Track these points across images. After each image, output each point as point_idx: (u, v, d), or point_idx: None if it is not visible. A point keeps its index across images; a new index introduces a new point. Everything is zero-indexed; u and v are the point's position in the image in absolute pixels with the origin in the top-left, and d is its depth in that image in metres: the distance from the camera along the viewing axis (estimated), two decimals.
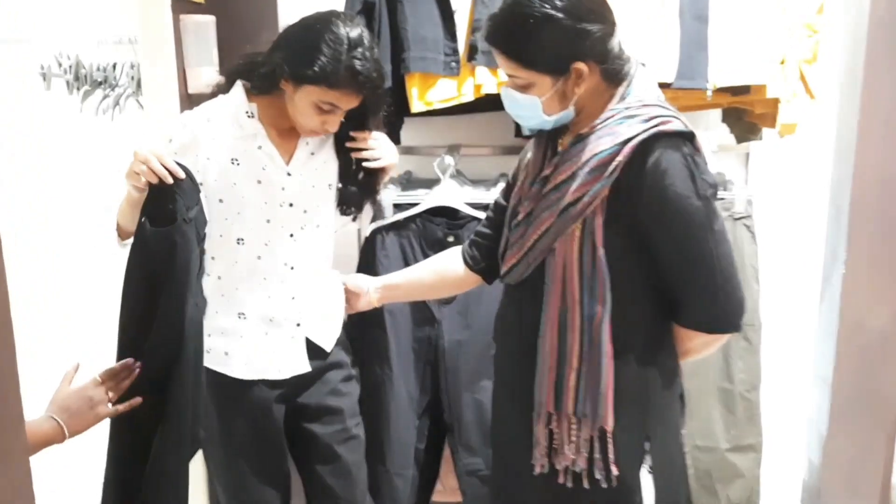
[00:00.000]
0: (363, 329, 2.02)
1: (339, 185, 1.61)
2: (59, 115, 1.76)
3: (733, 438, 2.11)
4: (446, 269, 1.59)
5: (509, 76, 1.29)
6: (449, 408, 2.06)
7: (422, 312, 2.06)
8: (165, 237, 1.28)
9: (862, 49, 1.78)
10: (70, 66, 2.11)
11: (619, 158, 1.19)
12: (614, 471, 1.25)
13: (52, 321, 1.42)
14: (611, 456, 1.25)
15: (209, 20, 1.84)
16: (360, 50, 1.39)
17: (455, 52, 1.92)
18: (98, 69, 2.18)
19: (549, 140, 1.34)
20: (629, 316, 1.26)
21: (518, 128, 2.10)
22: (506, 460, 1.44)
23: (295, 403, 1.57)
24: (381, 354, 2.03)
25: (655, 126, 1.20)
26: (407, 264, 2.03)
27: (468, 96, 1.96)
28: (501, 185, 2.11)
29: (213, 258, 1.51)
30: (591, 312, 1.24)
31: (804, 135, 1.98)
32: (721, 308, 1.24)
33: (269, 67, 1.44)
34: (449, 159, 2.04)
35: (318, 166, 1.57)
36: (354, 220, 1.72)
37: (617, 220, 1.22)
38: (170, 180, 1.30)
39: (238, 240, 1.49)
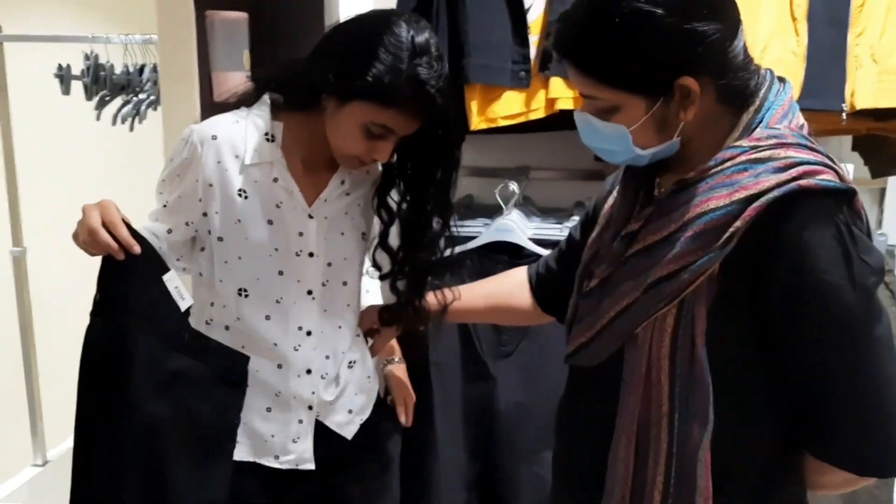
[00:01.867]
0: None
1: (377, 240, 1.29)
2: (74, 121, 1.55)
3: None
4: (508, 298, 1.32)
5: (585, 97, 0.96)
6: (503, 481, 1.75)
7: (475, 366, 1.76)
8: (101, 327, 1.10)
9: None
10: (89, 68, 1.94)
11: (738, 224, 0.87)
12: None
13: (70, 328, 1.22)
14: None
15: (240, 17, 1.60)
16: (426, 59, 1.09)
17: (525, 59, 1.62)
18: (122, 72, 2.00)
19: (642, 179, 1.02)
20: (741, 441, 0.93)
21: None
22: None
23: (307, 494, 1.28)
24: (425, 414, 1.74)
25: (795, 179, 0.86)
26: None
27: (539, 112, 1.66)
28: (576, 218, 1.83)
29: (212, 304, 1.23)
30: (685, 434, 0.91)
31: None
32: (877, 448, 0.90)
33: (309, 77, 1.14)
34: (513, 186, 1.74)
35: (350, 210, 1.26)
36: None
37: (729, 309, 0.90)
38: (119, 256, 1.06)
39: (240, 291, 1.20)
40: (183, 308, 1.14)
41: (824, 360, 0.89)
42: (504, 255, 1.74)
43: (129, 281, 1.09)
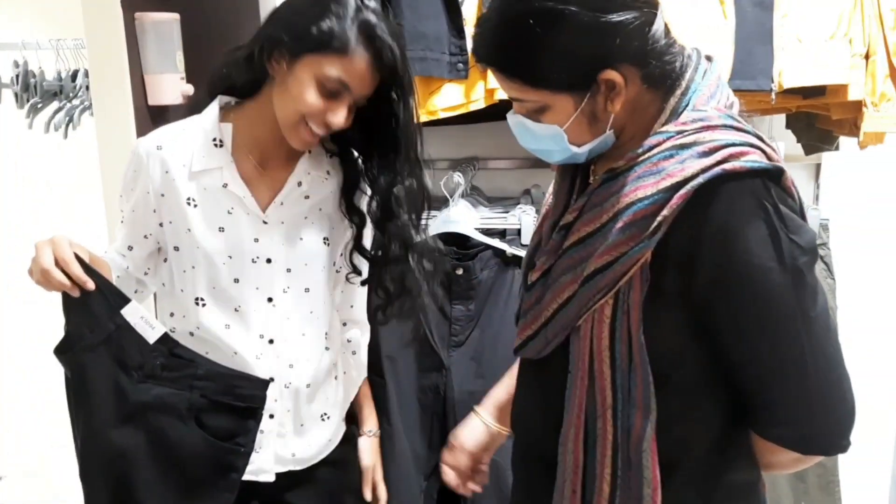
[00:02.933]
0: None
1: (351, 244, 1.26)
2: (6, 131, 1.51)
3: None
4: None
5: (514, 100, 0.94)
6: None
7: (428, 357, 1.77)
8: (64, 363, 1.11)
9: None
10: (18, 76, 1.89)
11: (665, 213, 0.84)
12: None
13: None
14: None
15: (171, 18, 1.55)
16: (373, 10, 1.08)
17: (463, 51, 1.61)
18: (54, 78, 1.96)
19: (577, 168, 1.00)
20: (686, 425, 0.92)
21: None
22: None
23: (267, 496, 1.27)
24: (380, 406, 1.73)
25: (720, 163, 0.83)
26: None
27: (479, 103, 1.66)
28: (522, 205, 1.84)
29: (171, 314, 1.22)
30: (629, 424, 0.90)
31: (891, 144, 1.62)
32: (818, 425, 0.88)
33: (250, 48, 1.12)
34: (458, 177, 1.75)
35: (311, 214, 1.22)
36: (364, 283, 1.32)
37: (664, 298, 0.88)
38: (74, 293, 1.06)
39: (197, 300, 1.18)
40: (153, 337, 1.11)
41: (761, 343, 0.87)
42: (451, 245, 1.74)
43: (84, 317, 1.08)
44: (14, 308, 2.03)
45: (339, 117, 1.11)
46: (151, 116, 1.56)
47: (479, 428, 1.23)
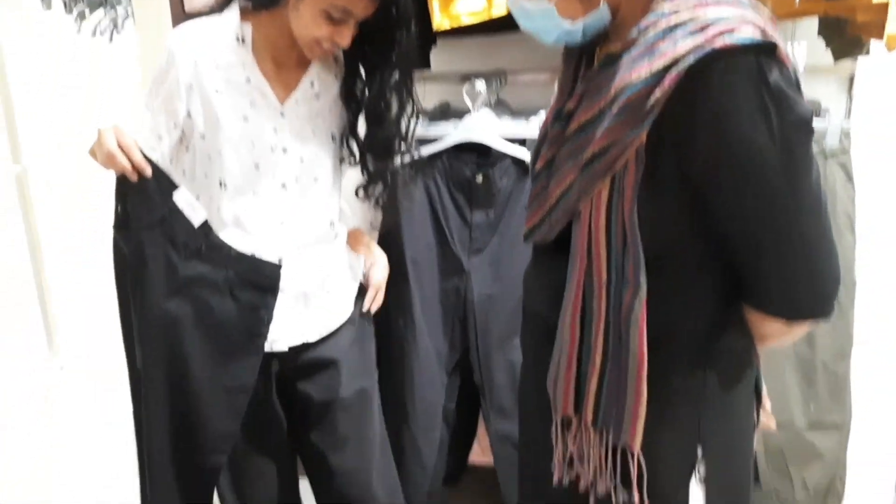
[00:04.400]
0: None
1: (345, 140, 1.39)
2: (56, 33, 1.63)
3: (813, 415, 1.80)
4: None
5: None
6: (479, 368, 1.86)
7: (450, 262, 1.84)
8: (121, 240, 1.26)
9: None
10: None
11: (658, 94, 0.85)
12: (636, 500, 0.98)
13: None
14: (638, 480, 0.97)
15: None
16: None
17: None
18: None
19: (580, 57, 1.02)
20: (678, 300, 0.96)
21: None
22: (528, 449, 1.21)
23: (285, 364, 1.39)
24: (404, 307, 1.84)
25: (711, 39, 0.82)
26: (432, 205, 1.82)
27: (500, 9, 1.67)
28: (543, 112, 1.86)
29: (197, 197, 1.33)
30: (619, 299, 0.94)
31: None
32: (804, 292, 0.93)
33: None
34: (480, 85, 1.78)
35: (320, 111, 1.35)
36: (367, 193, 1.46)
37: (659, 177, 0.90)
38: (133, 178, 1.20)
39: (220, 183, 1.30)
40: (197, 221, 1.26)
41: (752, 217, 0.89)
42: (472, 153, 1.79)
43: (141, 199, 1.23)
44: (77, 213, 2.19)
45: (345, 39, 1.23)
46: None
47: None
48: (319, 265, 1.39)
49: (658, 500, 0.99)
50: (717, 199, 0.90)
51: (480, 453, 2.20)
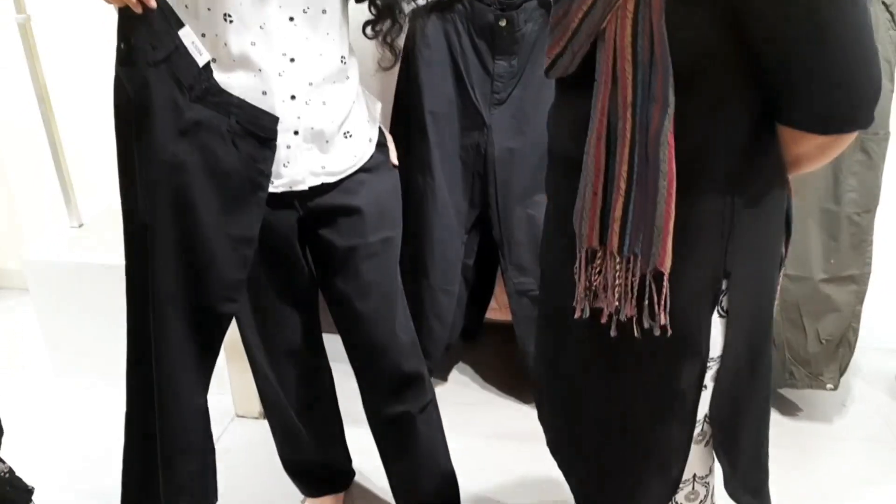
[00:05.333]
0: (401, 133, 1.79)
1: None
2: None
3: (832, 268, 1.80)
4: None
5: None
6: (498, 223, 1.85)
7: (470, 116, 1.79)
8: (126, 77, 1.18)
9: None
10: None
11: None
12: (662, 320, 0.97)
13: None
14: (664, 302, 0.96)
15: None
16: None
17: None
18: None
19: None
20: (707, 119, 0.91)
21: None
22: (550, 291, 1.21)
23: (307, 208, 1.39)
24: (423, 162, 1.81)
25: None
26: (452, 54, 1.75)
27: None
28: None
29: (203, 35, 1.27)
30: (646, 118, 0.89)
31: None
32: (840, 97, 0.86)
33: None
34: None
35: None
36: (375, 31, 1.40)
37: None
38: (138, 10, 1.12)
39: (226, 16, 1.23)
40: (201, 62, 1.19)
41: (783, 17, 0.83)
42: None
43: (147, 34, 1.16)
44: (83, 61, 2.12)
45: None
46: None
47: None
48: (335, 105, 1.34)
49: (679, 330, 0.99)
50: (742, 1, 0.84)
51: (498, 310, 2.24)
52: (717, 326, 1.02)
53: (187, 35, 1.18)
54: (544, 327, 1.24)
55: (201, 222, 1.25)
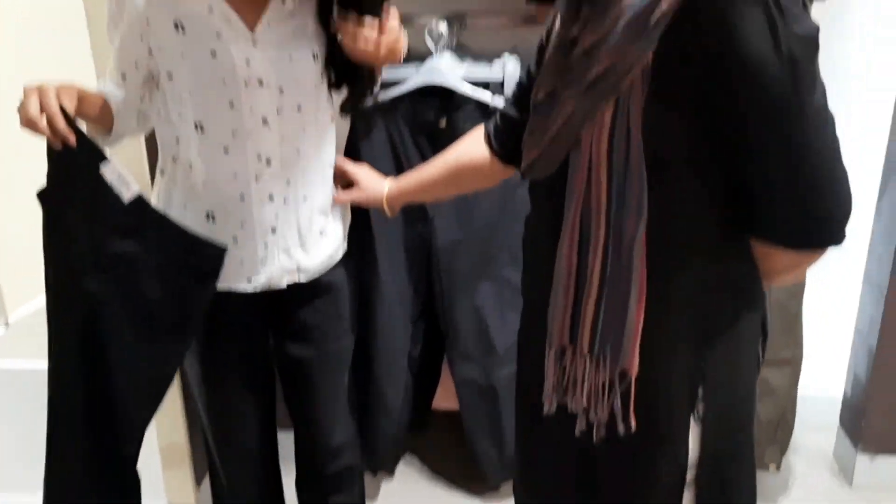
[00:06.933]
0: None
1: (326, 57, 1.28)
2: None
3: (766, 352, 1.86)
4: (465, 159, 1.29)
5: None
6: (443, 313, 1.87)
7: (413, 208, 1.82)
8: (46, 213, 1.16)
9: None
10: None
11: (663, 7, 0.83)
12: (633, 423, 0.96)
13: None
14: (632, 405, 0.96)
15: None
16: None
17: None
18: None
19: None
20: (680, 227, 0.93)
21: None
22: (523, 388, 1.19)
23: (276, 318, 1.38)
24: (367, 255, 1.82)
25: None
26: (394, 150, 1.79)
27: None
28: (508, 59, 1.84)
29: (178, 140, 1.25)
30: (621, 226, 0.91)
31: None
32: (812, 216, 0.88)
33: None
34: (442, 27, 1.74)
35: (297, 32, 1.24)
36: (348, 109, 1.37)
37: (664, 98, 0.88)
38: (57, 145, 1.10)
39: (196, 125, 1.22)
40: (128, 196, 1.15)
41: (755, 134, 0.87)
42: (435, 97, 1.76)
43: (66, 169, 1.13)
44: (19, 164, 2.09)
45: None
46: None
47: (380, 183, 1.42)
48: (314, 199, 1.32)
49: (654, 434, 0.98)
50: (719, 114, 0.87)
51: (445, 399, 2.23)
52: (694, 431, 1.00)
53: (111, 170, 1.15)
54: (523, 423, 1.22)
55: (111, 362, 1.20)
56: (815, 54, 0.85)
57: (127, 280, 1.17)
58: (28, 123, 1.07)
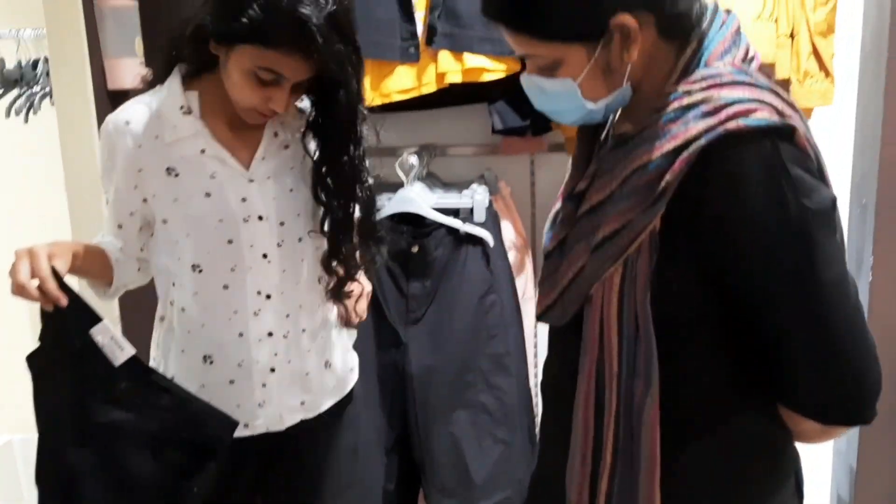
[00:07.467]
0: None
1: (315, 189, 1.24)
2: None
3: None
4: None
5: (527, 58, 0.90)
6: (419, 444, 1.81)
7: (386, 334, 1.81)
8: (34, 376, 1.11)
9: (887, 17, 1.53)
10: None
11: (669, 178, 0.80)
12: None
13: None
14: None
15: (129, 5, 1.61)
16: None
17: (413, 35, 1.69)
18: (15, 66, 1.99)
19: (596, 135, 0.97)
20: (696, 395, 0.89)
21: (500, 120, 1.81)
22: None
23: (268, 459, 1.30)
24: None
25: (724, 121, 0.78)
26: (367, 275, 1.79)
27: (430, 87, 1.72)
28: (475, 186, 1.90)
29: (174, 284, 1.21)
30: (630, 393, 0.87)
31: (820, 121, 1.72)
32: (834, 395, 0.83)
33: (192, 27, 1.12)
34: (413, 159, 1.81)
35: (293, 162, 1.22)
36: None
37: (675, 263, 0.84)
38: (48, 308, 1.06)
39: (194, 267, 1.18)
40: (122, 359, 1.10)
41: (772, 309, 0.83)
42: (408, 225, 1.80)
43: (57, 331, 1.08)
44: None
45: (278, 104, 1.11)
46: (111, 100, 1.61)
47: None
48: (315, 332, 1.27)
49: None
50: (732, 286, 0.84)
51: None
52: None
53: (103, 332, 1.09)
54: None
55: None
56: (831, 226, 0.82)
57: (112, 452, 1.10)
58: (19, 290, 1.03)
